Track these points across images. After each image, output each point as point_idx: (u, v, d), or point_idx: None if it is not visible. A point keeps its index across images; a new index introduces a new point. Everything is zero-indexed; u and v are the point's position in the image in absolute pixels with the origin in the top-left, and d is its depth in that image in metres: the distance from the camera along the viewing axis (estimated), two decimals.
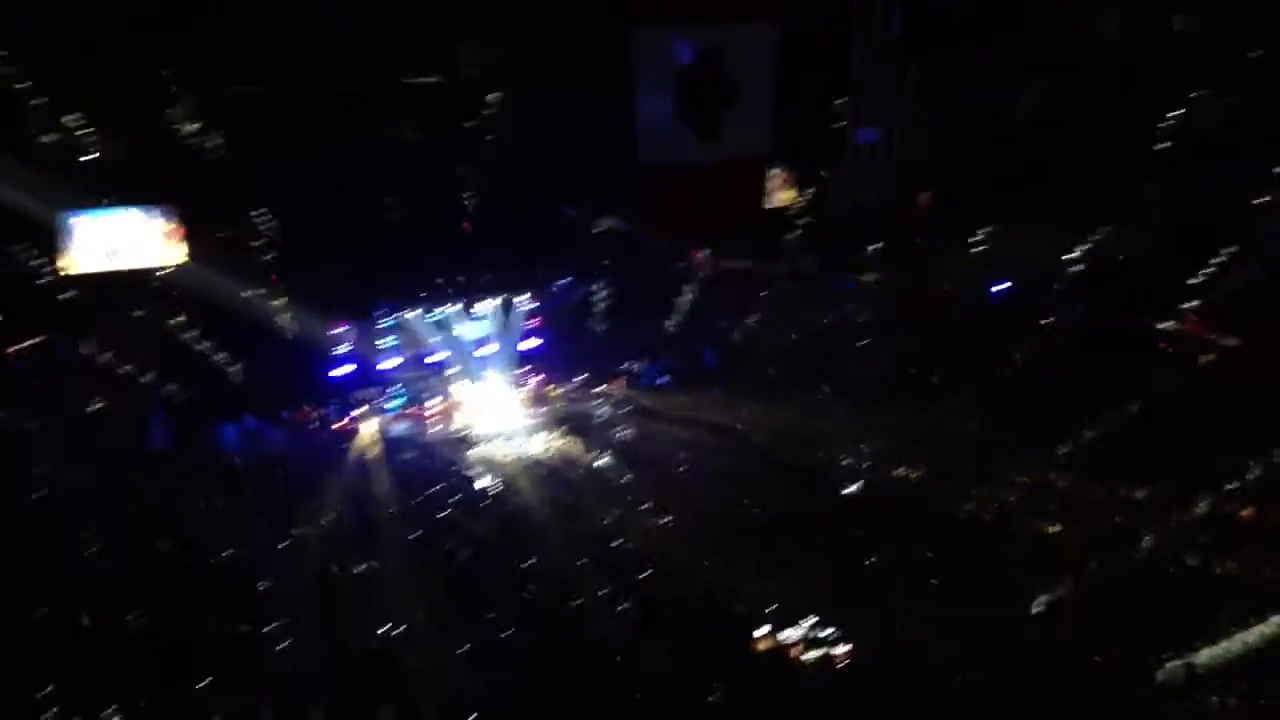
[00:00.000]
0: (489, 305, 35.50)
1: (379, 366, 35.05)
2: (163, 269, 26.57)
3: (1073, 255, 27.08)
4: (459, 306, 35.14)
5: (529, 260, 34.90)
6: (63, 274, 25.01)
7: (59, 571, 17.88)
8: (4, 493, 18.67)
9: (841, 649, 16.51)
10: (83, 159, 25.74)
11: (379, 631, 17.34)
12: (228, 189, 28.64)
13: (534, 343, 36.82)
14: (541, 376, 36.57)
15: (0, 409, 22.48)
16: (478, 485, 26.80)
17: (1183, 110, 25.47)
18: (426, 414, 34.16)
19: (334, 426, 33.36)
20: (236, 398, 31.92)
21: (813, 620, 16.98)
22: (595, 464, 28.10)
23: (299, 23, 24.62)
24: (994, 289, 29.01)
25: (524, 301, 35.98)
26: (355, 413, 34.32)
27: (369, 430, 32.93)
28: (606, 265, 35.74)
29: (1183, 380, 23.45)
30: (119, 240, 25.03)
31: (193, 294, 28.81)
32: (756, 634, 16.87)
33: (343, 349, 34.15)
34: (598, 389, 35.58)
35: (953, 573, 18.71)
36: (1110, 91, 25.49)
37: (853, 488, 24.16)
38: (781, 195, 32.76)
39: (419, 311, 34.76)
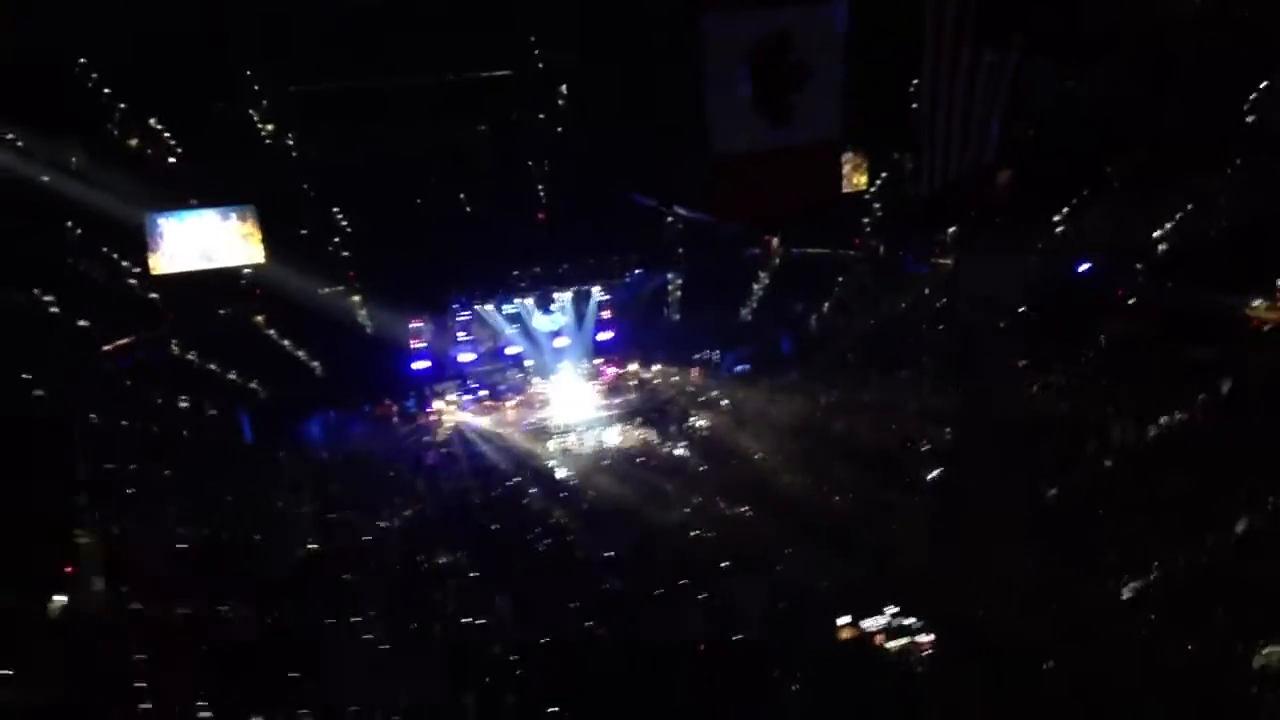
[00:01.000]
0: (564, 297, 35.71)
1: (456, 359, 35.44)
2: (244, 268, 27.07)
3: (1157, 234, 26.44)
4: (534, 299, 35.41)
5: (603, 251, 35.02)
6: (150, 274, 25.57)
7: (156, 566, 18.36)
8: (103, 487, 19.21)
9: (925, 638, 16.34)
10: (165, 161, 26.39)
11: (462, 620, 17.55)
12: (304, 187, 29.18)
13: (609, 334, 36.96)
14: (617, 367, 36.69)
15: (94, 407, 23.08)
16: (557, 476, 26.98)
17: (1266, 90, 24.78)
18: (504, 406, 34.45)
19: (414, 420, 33.81)
20: (318, 393, 32.53)
21: (895, 609, 16.83)
22: (672, 454, 28.12)
23: (370, 20, 24.90)
24: (1077, 268, 28.41)
25: (599, 292, 36.11)
26: (434, 406, 34.77)
27: (448, 423, 33.32)
28: (680, 254, 35.73)
29: (1277, 359, 22.74)
30: (202, 241, 25.52)
31: (273, 292, 29.39)
32: (838, 623, 16.75)
33: (420, 343, 34.58)
34: (674, 378, 35.60)
35: (1038, 559, 18.37)
36: (1190, 73, 24.88)
37: (934, 473, 23.87)
38: (855, 179, 32.47)
39: (494, 304, 35.08)
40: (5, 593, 15.31)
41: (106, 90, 24.63)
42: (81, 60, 23.30)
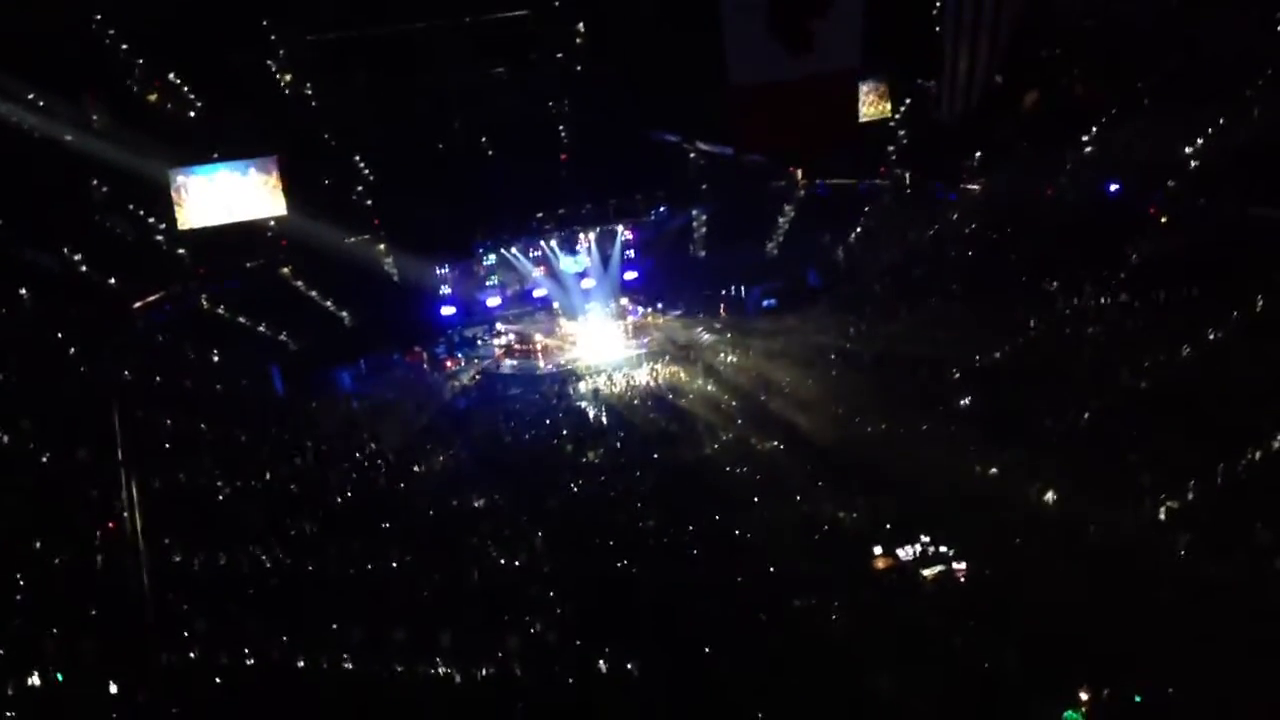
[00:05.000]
0: (589, 237, 35.61)
1: (484, 304, 35.51)
2: (268, 220, 27.14)
3: (1189, 150, 25.90)
4: (559, 240, 35.35)
5: (627, 190, 34.84)
6: (176, 230, 25.68)
7: (193, 516, 18.56)
8: (139, 442, 19.33)
9: (958, 565, 16.35)
10: (186, 116, 26.39)
11: (501, 562, 17.69)
12: (325, 137, 29.13)
13: (635, 273, 36.88)
14: (644, 306, 36.65)
15: (127, 364, 23.25)
16: (588, 417, 27.07)
17: None
18: (533, 349, 34.52)
19: (444, 365, 33.98)
20: (348, 342, 32.69)
21: (927, 539, 16.83)
22: (702, 391, 28.09)
23: None
24: (1107, 188, 27.96)
25: (623, 231, 35.98)
26: (463, 351, 34.94)
27: (478, 367, 33.47)
28: (704, 190, 35.51)
29: None
30: (226, 194, 25.58)
31: (300, 243, 29.49)
32: (874, 552, 16.79)
33: (447, 289, 34.66)
34: (702, 315, 35.52)
35: (1073, 484, 18.26)
36: None
37: (964, 401, 23.75)
38: (880, 107, 32.08)
39: (520, 247, 35.05)
40: (51, 550, 15.56)
41: (125, 47, 24.60)
42: (98, 17, 23.26)
